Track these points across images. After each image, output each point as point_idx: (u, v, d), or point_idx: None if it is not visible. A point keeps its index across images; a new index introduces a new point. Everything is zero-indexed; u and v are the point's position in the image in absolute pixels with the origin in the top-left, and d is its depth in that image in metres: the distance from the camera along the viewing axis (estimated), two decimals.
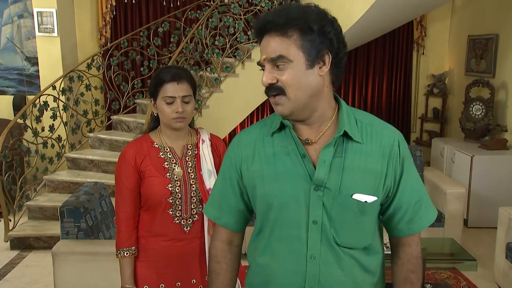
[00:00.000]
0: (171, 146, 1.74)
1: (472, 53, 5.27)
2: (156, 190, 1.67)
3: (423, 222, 1.21)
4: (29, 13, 5.53)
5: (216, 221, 1.29)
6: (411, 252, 1.23)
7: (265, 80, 1.10)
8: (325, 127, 1.16)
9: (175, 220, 1.70)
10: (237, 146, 1.24)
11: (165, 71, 1.67)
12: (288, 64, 1.08)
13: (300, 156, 1.13)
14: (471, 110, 4.78)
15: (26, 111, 4.13)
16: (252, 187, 1.19)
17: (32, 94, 5.53)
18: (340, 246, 1.13)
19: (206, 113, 4.63)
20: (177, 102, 1.64)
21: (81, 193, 2.67)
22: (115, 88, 5.04)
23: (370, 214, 1.16)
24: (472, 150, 4.34)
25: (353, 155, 1.13)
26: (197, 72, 4.78)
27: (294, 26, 1.08)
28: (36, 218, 4.10)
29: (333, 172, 1.11)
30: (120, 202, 1.71)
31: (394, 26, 5.57)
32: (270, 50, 1.09)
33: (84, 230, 2.50)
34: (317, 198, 1.11)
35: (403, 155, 1.17)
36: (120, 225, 1.71)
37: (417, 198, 1.20)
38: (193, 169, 1.73)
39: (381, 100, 6.11)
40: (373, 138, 1.15)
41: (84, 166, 4.50)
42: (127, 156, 1.70)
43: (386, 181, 1.15)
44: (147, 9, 5.70)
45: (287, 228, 1.14)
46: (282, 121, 1.16)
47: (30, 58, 5.66)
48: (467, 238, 3.93)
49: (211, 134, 1.84)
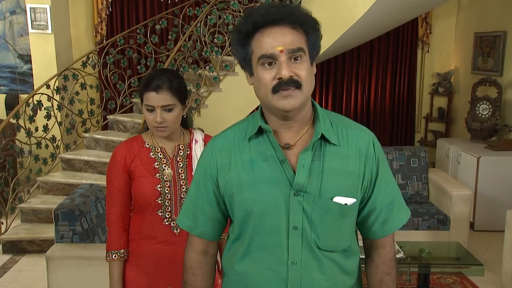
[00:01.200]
0: (162, 146, 1.76)
1: (479, 50, 5.27)
2: (145, 191, 1.70)
3: (396, 223, 1.24)
4: (21, 9, 5.53)
5: (191, 231, 1.28)
6: (385, 254, 1.26)
7: (287, 73, 1.08)
8: (304, 131, 1.18)
9: (164, 221, 1.72)
10: (212, 154, 1.23)
11: (149, 77, 1.69)
12: (304, 58, 1.11)
13: (279, 162, 1.14)
14: (478, 110, 4.79)
15: (19, 110, 4.13)
16: (229, 195, 1.20)
17: (25, 93, 5.53)
18: (322, 250, 1.15)
19: (204, 113, 4.64)
20: (157, 112, 1.66)
21: (76, 195, 2.68)
22: (111, 87, 5.05)
23: (349, 217, 1.19)
24: (479, 151, 4.35)
25: (331, 158, 1.15)
26: (195, 70, 4.78)
27: (305, 22, 1.11)
28: (29, 221, 4.10)
29: (312, 176, 1.13)
30: (110, 203, 1.74)
31: (398, 24, 5.57)
32: (288, 42, 1.09)
33: (79, 234, 2.50)
34: (297, 204, 1.13)
35: (378, 156, 1.21)
36: (110, 227, 1.74)
37: (390, 199, 1.23)
38: (184, 169, 1.75)
39: (385, 99, 6.12)
40: (349, 140, 1.18)
41: (79, 167, 4.50)
42: (117, 157, 1.73)
43: (364, 183, 1.18)
44: (144, 5, 5.70)
45: (267, 235, 1.16)
46: (262, 126, 1.16)
47: (23, 55, 5.66)
48: (473, 242, 3.93)
49: (206, 135, 1.86)
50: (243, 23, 1.13)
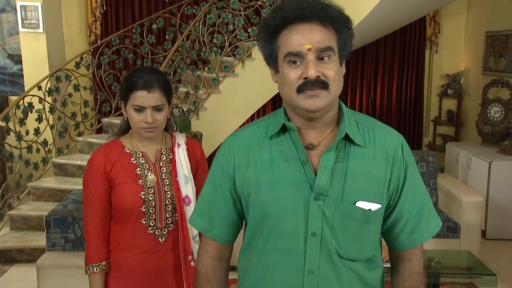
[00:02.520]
0: (144, 151, 1.73)
1: (491, 50, 5.28)
2: (127, 199, 1.66)
3: (425, 233, 1.21)
4: (11, 7, 5.54)
5: (206, 234, 1.27)
6: (412, 267, 1.23)
7: (314, 72, 1.07)
8: (328, 130, 1.17)
9: (148, 230, 1.69)
10: (229, 152, 1.22)
11: (137, 76, 1.64)
12: (332, 57, 1.10)
13: (300, 162, 1.13)
14: (489, 112, 4.79)
15: (9, 113, 4.13)
16: (246, 195, 1.19)
17: (15, 95, 5.54)
18: (342, 259, 1.13)
19: (203, 116, 4.64)
20: (147, 112, 1.63)
21: (69, 202, 2.68)
22: (106, 88, 5.05)
23: (374, 223, 1.16)
24: (490, 156, 4.34)
25: (355, 160, 1.14)
26: (194, 72, 4.80)
27: (337, 20, 1.10)
28: (19, 229, 4.09)
29: (335, 178, 1.12)
30: (89, 213, 1.70)
31: (405, 22, 5.58)
32: (317, 40, 1.08)
33: (71, 241, 2.50)
34: (317, 208, 1.11)
35: (407, 160, 1.18)
36: (90, 238, 1.70)
37: (419, 207, 1.20)
38: (167, 175, 1.73)
39: (391, 101, 6.12)
40: (376, 142, 1.16)
41: (72, 173, 4.51)
42: (95, 163, 1.68)
43: (389, 188, 1.16)
44: (140, 4, 5.72)
45: (283, 239, 1.14)
46: (286, 123, 1.15)
47: (13, 55, 5.67)
48: (485, 250, 3.92)
49: (188, 138, 1.84)
50: (271, 17, 1.12)
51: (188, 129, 3.86)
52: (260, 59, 5.12)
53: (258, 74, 4.67)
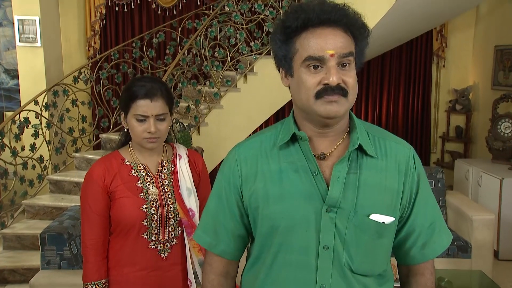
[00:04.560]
0: (145, 163, 1.72)
1: (500, 65, 5.31)
2: (128, 212, 1.64)
3: (437, 247, 1.21)
4: (9, 21, 5.61)
5: (211, 249, 1.25)
6: (424, 282, 1.22)
7: (335, 79, 1.06)
8: (340, 140, 1.16)
9: (150, 245, 1.68)
10: (236, 163, 1.21)
11: (138, 84, 1.64)
12: (352, 65, 1.10)
13: (311, 173, 1.12)
14: (500, 128, 4.79)
15: (4, 128, 4.14)
16: (254, 208, 1.17)
17: (11, 110, 5.57)
18: (355, 274, 1.12)
19: (204, 131, 4.66)
20: (150, 122, 1.63)
21: (65, 218, 2.67)
22: (105, 103, 5.08)
23: (387, 237, 1.15)
24: (502, 173, 4.33)
25: (368, 171, 1.13)
26: (195, 86, 4.82)
27: (356, 26, 1.10)
28: (12, 248, 4.06)
29: (348, 190, 1.10)
30: (87, 229, 1.68)
31: (411, 36, 5.63)
32: (340, 45, 1.07)
33: (67, 259, 2.49)
34: (329, 221, 1.10)
35: (419, 172, 1.18)
36: (88, 255, 1.67)
37: (431, 221, 1.20)
38: (170, 187, 1.72)
39: (397, 117, 6.13)
40: (388, 153, 1.16)
41: (68, 190, 4.50)
42: (95, 176, 1.67)
43: (402, 201, 1.16)
44: (140, 18, 5.78)
45: (294, 253, 1.13)
46: (297, 132, 1.14)
47: (9, 70, 5.72)
48: (498, 271, 3.88)
49: (189, 150, 1.84)
50: (291, 18, 1.10)
51: (189, 145, 3.86)
52: (262, 73, 5.18)
53: (260, 88, 4.70)
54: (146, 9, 5.76)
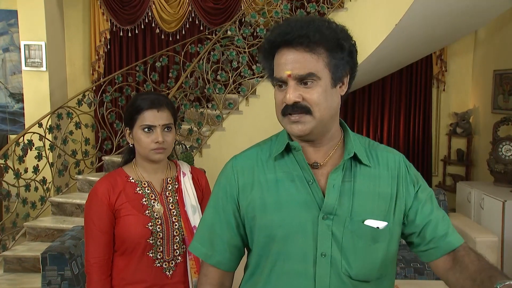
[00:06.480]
0: (149, 181, 1.71)
1: (499, 89, 5.34)
2: (134, 230, 1.63)
3: (459, 237, 1.18)
4: (15, 46, 5.69)
5: (207, 260, 1.26)
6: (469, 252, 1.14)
7: (291, 98, 1.10)
8: (333, 150, 1.19)
9: (156, 263, 1.66)
10: (233, 173, 1.23)
11: (143, 97, 1.67)
12: (316, 82, 1.11)
13: (307, 182, 1.14)
14: (501, 151, 4.78)
15: (8, 150, 4.16)
16: (251, 217, 1.18)
17: (15, 133, 5.58)
18: (353, 280, 1.12)
19: (206, 153, 4.67)
20: (157, 131, 1.64)
21: (67, 238, 2.65)
22: (108, 126, 5.10)
23: (382, 241, 1.16)
24: (504, 195, 4.30)
25: (362, 179, 1.16)
26: (197, 108, 4.85)
27: (325, 42, 1.10)
28: (13, 271, 4.03)
29: (343, 197, 1.13)
30: (91, 247, 1.66)
31: (411, 60, 5.69)
32: (298, 66, 1.09)
33: (68, 280, 2.46)
34: (326, 228, 1.11)
35: (412, 173, 1.22)
36: (92, 274, 1.65)
37: (443, 213, 1.20)
38: (174, 205, 1.71)
39: (398, 140, 6.13)
40: (379, 161, 1.20)
41: (70, 212, 4.48)
42: (100, 193, 1.65)
43: (397, 204, 1.17)
44: (144, 42, 5.87)
45: (292, 262, 1.13)
46: (290, 143, 1.17)
47: (14, 94, 5.77)
48: None
49: (192, 167, 1.84)
50: (266, 39, 1.16)
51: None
52: (264, 96, 5.20)
53: (262, 111, 4.72)
54: (150, 34, 5.85)
